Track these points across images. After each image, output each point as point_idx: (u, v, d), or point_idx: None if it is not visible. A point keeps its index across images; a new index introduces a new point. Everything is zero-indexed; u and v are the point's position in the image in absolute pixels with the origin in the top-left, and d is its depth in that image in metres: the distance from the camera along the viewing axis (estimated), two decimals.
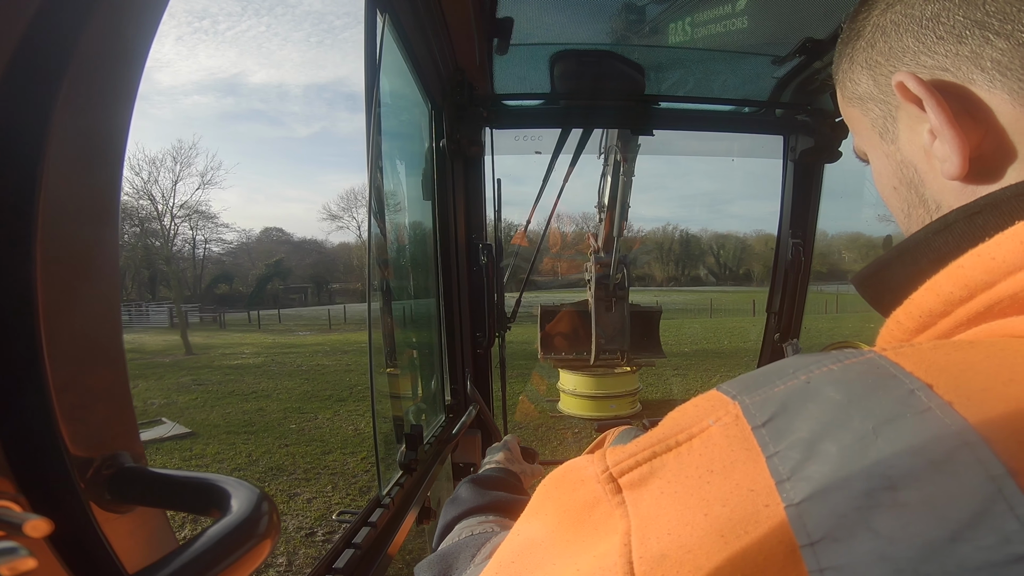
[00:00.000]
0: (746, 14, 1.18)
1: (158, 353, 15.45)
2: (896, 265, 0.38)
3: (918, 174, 0.39)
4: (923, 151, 0.37)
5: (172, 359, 14.62)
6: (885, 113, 0.40)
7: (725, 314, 26.24)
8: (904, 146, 0.39)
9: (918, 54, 0.37)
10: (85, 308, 0.32)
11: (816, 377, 0.27)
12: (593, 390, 7.21)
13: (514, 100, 1.53)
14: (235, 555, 0.28)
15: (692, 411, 0.29)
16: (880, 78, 0.40)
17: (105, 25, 0.30)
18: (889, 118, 0.40)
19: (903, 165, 0.40)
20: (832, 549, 0.22)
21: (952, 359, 0.26)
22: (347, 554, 0.78)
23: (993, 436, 0.22)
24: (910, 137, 0.39)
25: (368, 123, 0.89)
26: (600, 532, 0.27)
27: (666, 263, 60.74)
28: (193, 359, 14.70)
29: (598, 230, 5.31)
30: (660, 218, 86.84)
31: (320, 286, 53.94)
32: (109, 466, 0.32)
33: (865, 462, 0.23)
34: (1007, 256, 0.28)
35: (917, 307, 0.32)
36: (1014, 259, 0.28)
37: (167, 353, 15.64)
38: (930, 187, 0.38)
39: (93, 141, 0.31)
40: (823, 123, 1.55)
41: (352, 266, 57.61)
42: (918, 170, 0.39)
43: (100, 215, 0.32)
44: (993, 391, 0.23)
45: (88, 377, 0.32)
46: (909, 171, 0.40)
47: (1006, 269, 0.28)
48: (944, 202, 0.37)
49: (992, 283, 0.28)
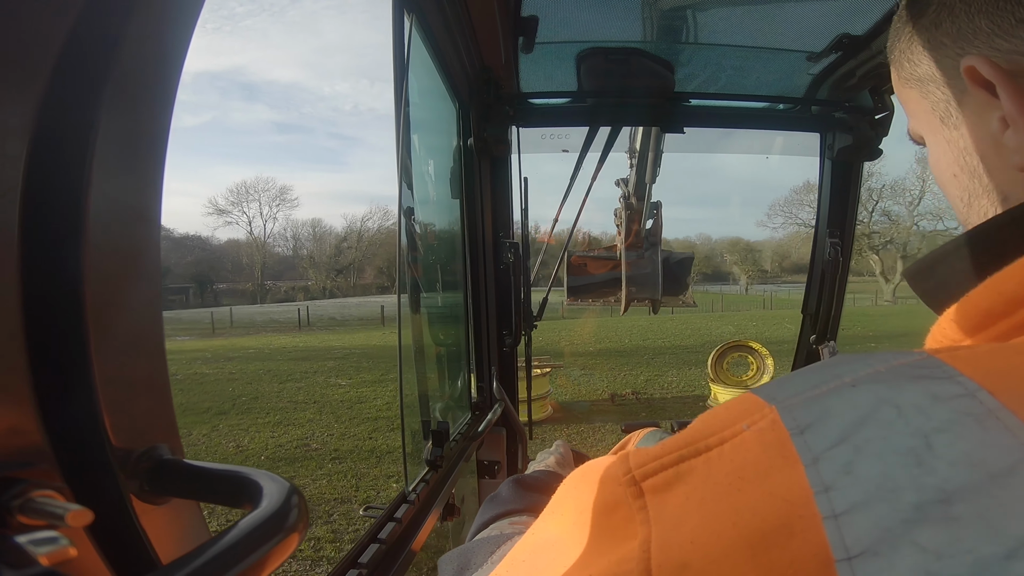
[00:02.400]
0: (778, 10, 1.15)
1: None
2: (954, 259, 0.36)
3: (983, 163, 0.37)
4: (991, 139, 0.35)
5: None
6: (948, 97, 0.38)
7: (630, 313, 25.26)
8: (969, 132, 0.37)
9: (992, 36, 0.34)
10: (129, 304, 0.33)
11: (862, 380, 0.25)
12: (533, 392, 6.81)
13: (540, 98, 1.52)
14: (265, 547, 0.28)
15: (724, 414, 0.27)
16: (945, 60, 0.38)
17: (145, 28, 0.31)
18: (952, 102, 0.38)
19: (966, 152, 0.38)
20: (871, 564, 0.20)
21: (1014, 363, 0.24)
22: (372, 549, 0.79)
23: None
24: (976, 124, 0.36)
25: (397, 122, 0.90)
26: (618, 537, 0.26)
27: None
28: None
29: (629, 177, 5.33)
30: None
31: (204, 286, 52.05)
32: (148, 458, 0.33)
33: (916, 473, 0.21)
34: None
35: (974, 306, 0.30)
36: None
37: None
38: (996, 177, 0.36)
39: (136, 142, 0.32)
40: (862, 120, 1.50)
41: (241, 264, 57.33)
42: (984, 159, 0.37)
43: (144, 214, 0.33)
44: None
45: (132, 371, 0.33)
46: (973, 159, 0.37)
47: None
48: (1012, 194, 0.35)
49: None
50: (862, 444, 0.23)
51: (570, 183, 1.65)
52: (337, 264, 64.62)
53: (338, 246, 65.23)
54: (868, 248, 42.91)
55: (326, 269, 63.71)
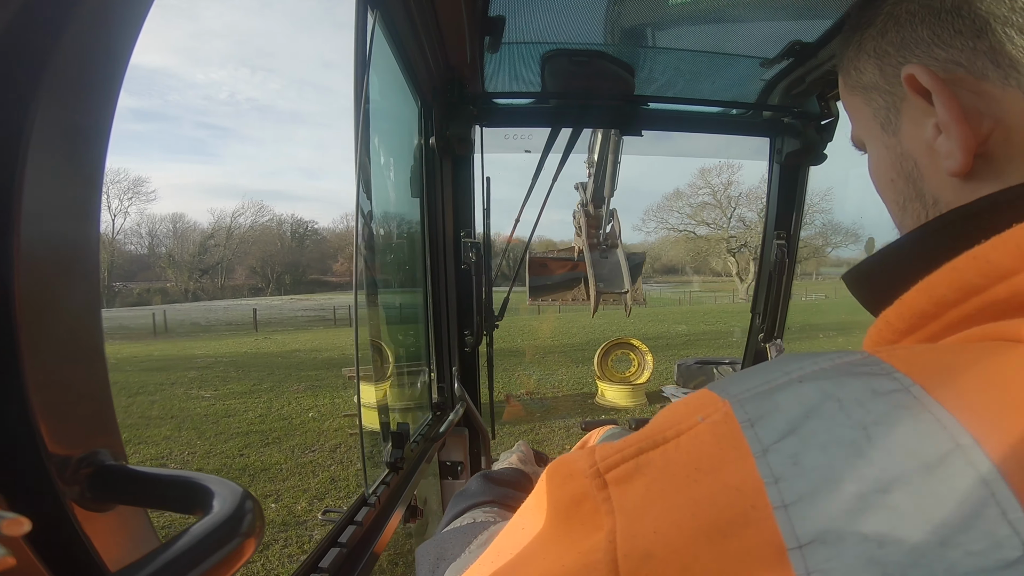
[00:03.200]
0: (736, 17, 1.19)
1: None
2: (889, 263, 0.38)
3: (918, 168, 0.38)
4: (926, 145, 0.37)
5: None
6: (889, 104, 0.40)
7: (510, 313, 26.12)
8: (906, 139, 0.39)
9: (931, 46, 0.36)
10: (65, 306, 0.31)
11: (809, 376, 0.26)
12: (397, 402, 6.44)
13: (505, 99, 1.53)
14: (219, 554, 0.27)
15: (681, 408, 0.28)
16: (888, 68, 0.39)
17: (88, 20, 0.30)
18: (893, 109, 0.40)
19: (903, 158, 0.39)
20: (820, 552, 0.21)
21: (945, 361, 0.25)
22: (332, 553, 0.78)
23: (986, 439, 0.21)
24: (913, 130, 0.38)
25: (356, 120, 0.88)
26: (587, 528, 0.27)
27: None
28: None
29: (585, 187, 5.68)
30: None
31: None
32: (88, 464, 0.31)
33: (856, 464, 0.22)
34: (1002, 260, 0.27)
35: (908, 308, 0.31)
36: (1009, 263, 0.27)
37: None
38: (929, 182, 0.37)
39: (75, 138, 0.31)
40: (808, 125, 1.56)
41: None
42: (918, 164, 0.38)
43: (82, 212, 0.32)
44: (986, 394, 0.23)
45: (67, 374, 0.31)
46: (909, 164, 0.39)
47: (1000, 273, 0.27)
48: (942, 198, 0.36)
49: (985, 287, 0.28)
50: (808, 436, 0.24)
51: (532, 183, 1.66)
52: (202, 264, 60.00)
53: (204, 244, 60.72)
54: (726, 251, 46.92)
55: (188, 269, 59.06)
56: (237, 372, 10.57)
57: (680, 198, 48.12)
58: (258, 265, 62.24)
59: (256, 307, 28.55)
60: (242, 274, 63.34)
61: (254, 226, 64.03)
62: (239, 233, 62.91)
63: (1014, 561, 0.19)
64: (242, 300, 49.98)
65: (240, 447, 5.97)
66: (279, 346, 15.16)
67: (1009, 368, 0.24)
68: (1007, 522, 0.20)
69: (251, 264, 62.86)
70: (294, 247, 69.43)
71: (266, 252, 65.12)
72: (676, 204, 48.23)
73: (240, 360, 12.37)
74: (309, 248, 71.58)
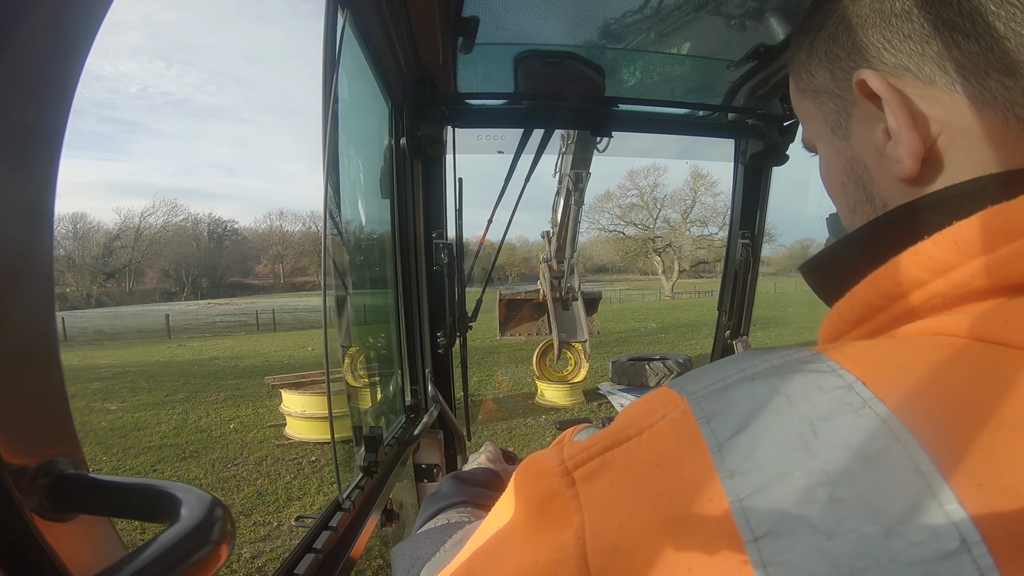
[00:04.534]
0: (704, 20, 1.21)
1: None
2: (841, 257, 0.39)
3: (867, 172, 0.38)
4: (875, 150, 0.37)
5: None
6: (839, 108, 0.40)
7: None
8: (856, 143, 0.39)
9: (881, 51, 0.36)
10: (17, 310, 0.30)
11: (761, 373, 0.27)
12: (325, 410, 5.74)
13: (477, 99, 1.53)
14: (188, 562, 0.27)
15: (644, 406, 0.29)
16: (839, 72, 0.39)
17: (44, 18, 0.29)
18: (843, 113, 0.40)
19: (853, 162, 0.40)
20: (775, 544, 0.22)
21: (886, 357, 0.26)
22: (308, 559, 0.77)
23: (924, 433, 0.22)
24: (863, 135, 0.38)
25: (325, 120, 0.87)
26: (557, 525, 0.27)
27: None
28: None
29: (551, 239, 6.16)
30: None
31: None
32: (47, 473, 0.30)
33: (804, 458, 0.23)
34: (942, 255, 0.28)
35: (858, 300, 0.32)
36: (948, 258, 0.28)
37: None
38: (878, 185, 0.38)
39: (26, 136, 0.30)
40: (772, 127, 1.61)
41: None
42: (867, 168, 0.38)
43: (33, 213, 0.30)
44: (924, 389, 0.24)
45: (21, 381, 0.30)
46: (859, 168, 0.39)
47: (940, 268, 0.28)
48: (891, 201, 0.37)
49: (926, 281, 0.29)
50: (759, 431, 0.24)
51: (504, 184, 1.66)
52: (107, 267, 56.34)
53: (109, 245, 57.07)
54: (652, 251, 49.40)
55: (91, 273, 55.41)
56: (147, 382, 9.86)
57: (610, 199, 49.89)
58: (172, 268, 59.02)
59: (169, 312, 26.71)
60: (153, 277, 60.08)
61: (167, 226, 60.57)
62: (149, 234, 59.51)
63: (952, 551, 0.20)
64: (154, 305, 47.25)
65: (152, 462, 5.55)
66: (195, 353, 14.35)
67: (945, 363, 0.25)
68: (944, 513, 0.20)
69: (163, 267, 59.55)
70: (212, 248, 66.01)
71: (180, 254, 61.85)
72: (607, 205, 49.87)
73: (151, 369, 11.58)
74: (229, 249, 68.22)
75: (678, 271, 49.14)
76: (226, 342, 17.82)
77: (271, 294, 25.34)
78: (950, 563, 0.20)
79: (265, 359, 12.73)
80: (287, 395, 6.23)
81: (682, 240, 48.90)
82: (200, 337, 20.53)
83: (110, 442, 6.21)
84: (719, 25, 1.23)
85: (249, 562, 3.53)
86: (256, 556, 3.60)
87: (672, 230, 49.21)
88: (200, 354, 14.25)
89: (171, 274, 59.78)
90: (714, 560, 0.23)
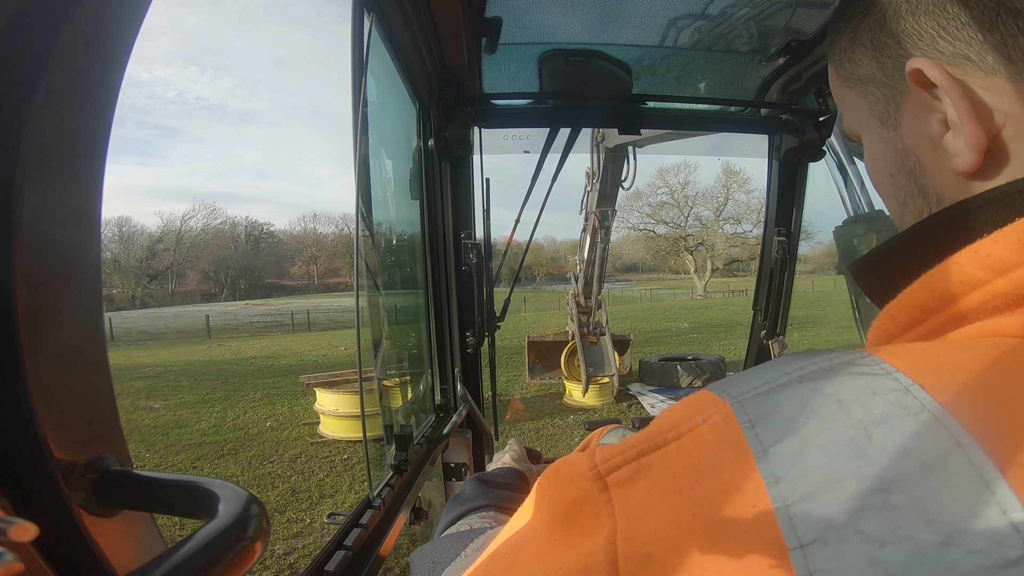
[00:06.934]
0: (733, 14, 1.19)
1: None
2: (893, 256, 0.37)
3: (920, 164, 0.37)
4: (929, 141, 0.35)
5: None
6: (888, 97, 0.38)
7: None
8: (907, 134, 0.37)
9: (936, 39, 0.34)
10: (67, 311, 0.31)
11: (808, 376, 0.26)
12: (357, 408, 5.95)
13: (503, 99, 1.53)
14: (225, 558, 0.27)
15: (682, 410, 0.28)
16: (887, 61, 0.37)
17: (86, 23, 0.30)
18: (892, 103, 0.38)
19: (904, 153, 0.38)
20: (822, 552, 0.21)
21: (944, 359, 0.25)
22: (338, 556, 0.78)
23: (986, 437, 0.21)
24: (915, 125, 0.36)
25: (355, 123, 0.88)
26: (586, 530, 0.27)
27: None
28: None
29: (576, 278, 6.28)
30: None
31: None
32: (94, 470, 0.31)
33: (857, 464, 0.22)
34: (1003, 253, 0.27)
35: (911, 301, 0.31)
36: (1011, 257, 0.27)
37: None
38: (932, 178, 0.36)
39: (74, 142, 0.31)
40: (806, 122, 1.56)
41: None
42: (920, 160, 0.37)
43: (82, 218, 0.32)
44: (985, 392, 0.23)
45: (70, 380, 0.31)
46: (910, 160, 0.37)
47: (1002, 267, 0.27)
48: (946, 195, 0.35)
49: (986, 281, 0.27)
50: (808, 436, 0.24)
51: (531, 184, 1.66)
52: (150, 269, 57.89)
53: (152, 248, 58.74)
54: (684, 249, 48.62)
55: (136, 275, 56.84)
56: (188, 381, 10.06)
57: (640, 197, 49.30)
58: (211, 270, 60.31)
59: (209, 313, 27.23)
60: (194, 279, 61.49)
61: (206, 229, 62.08)
62: (190, 237, 61.05)
63: (1015, 560, 0.19)
64: (194, 306, 48.40)
65: (193, 459, 5.70)
66: (234, 353, 14.66)
67: (1008, 366, 0.24)
68: (1008, 520, 0.20)
69: (203, 269, 60.99)
70: (249, 250, 67.51)
71: (219, 256, 63.32)
72: (636, 204, 49.39)
73: (192, 369, 11.82)
74: (265, 251, 69.77)
75: (711, 269, 48.45)
76: (263, 342, 18.22)
77: (305, 295, 25.81)
78: (1012, 572, 0.19)
79: (300, 358, 13.01)
80: (321, 393, 6.35)
81: (715, 238, 48.29)
82: (238, 337, 21.04)
83: (153, 439, 6.45)
84: (749, 20, 1.20)
85: (282, 558, 3.62)
86: (288, 552, 3.68)
87: (704, 228, 48.66)
88: (238, 353, 14.64)
89: (211, 276, 61.54)
90: (755, 568, 0.22)
